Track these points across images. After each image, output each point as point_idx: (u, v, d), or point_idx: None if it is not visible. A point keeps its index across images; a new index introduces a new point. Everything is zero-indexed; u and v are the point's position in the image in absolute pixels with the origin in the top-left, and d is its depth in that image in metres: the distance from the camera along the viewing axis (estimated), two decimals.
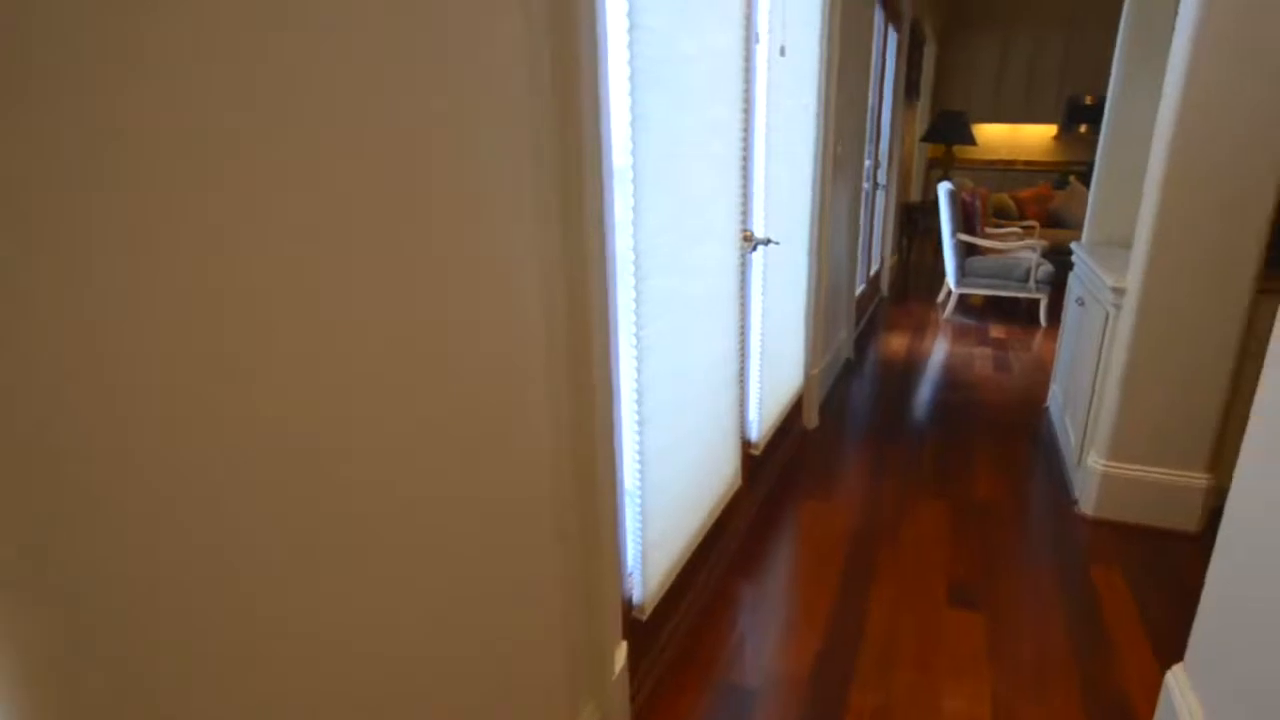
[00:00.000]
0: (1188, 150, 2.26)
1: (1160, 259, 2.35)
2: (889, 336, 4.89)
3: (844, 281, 4.18)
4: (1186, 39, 2.22)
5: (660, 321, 1.72)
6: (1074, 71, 8.87)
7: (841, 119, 3.50)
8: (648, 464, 1.73)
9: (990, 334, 4.94)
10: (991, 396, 3.79)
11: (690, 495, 2.04)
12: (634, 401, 1.65)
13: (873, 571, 2.26)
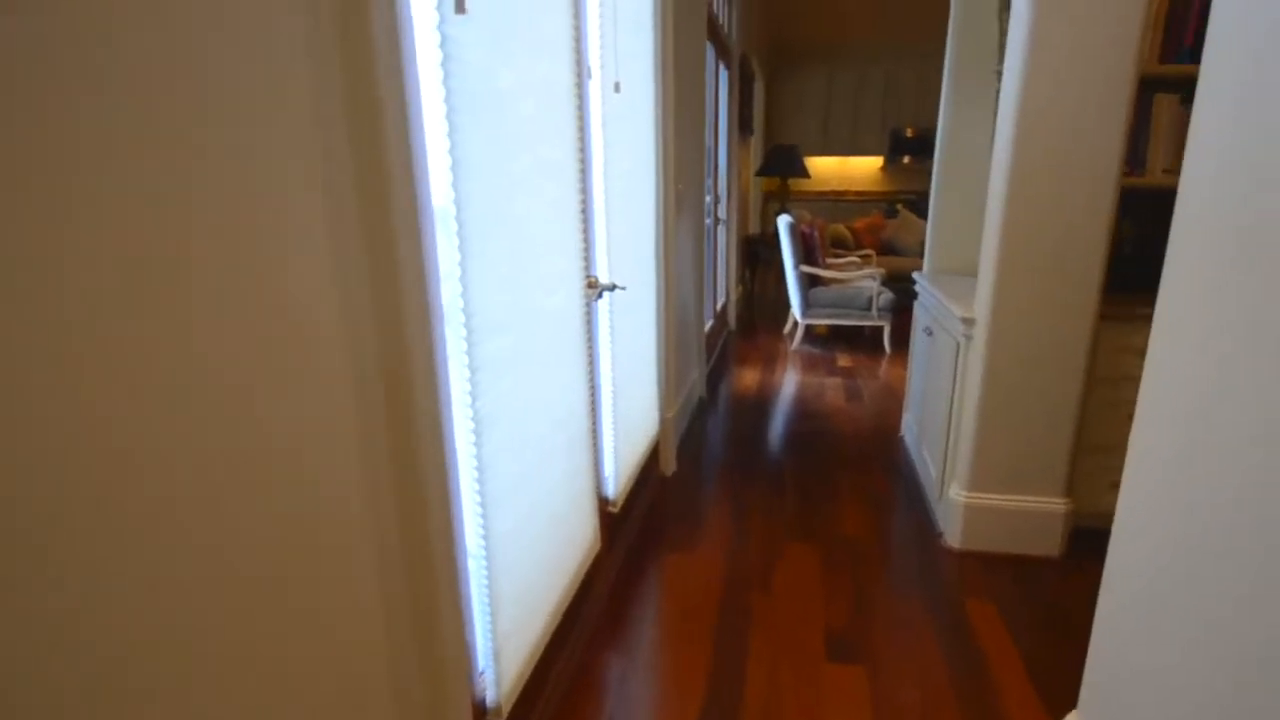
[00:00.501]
0: (1025, 181, 2.41)
1: (1006, 289, 2.48)
2: (741, 371, 4.97)
3: (693, 320, 4.19)
4: (1017, 74, 2.38)
5: (501, 385, 1.56)
6: (895, 106, 9.66)
7: (681, 155, 3.52)
8: (495, 550, 1.55)
9: (838, 363, 5.15)
10: (847, 427, 3.90)
11: (546, 570, 1.88)
12: (474, 483, 1.48)
13: (746, 627, 2.19)
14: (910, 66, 9.48)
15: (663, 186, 3.12)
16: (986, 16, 3.15)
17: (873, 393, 4.49)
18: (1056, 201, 2.39)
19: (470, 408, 1.44)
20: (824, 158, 10.05)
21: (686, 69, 3.53)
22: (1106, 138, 2.33)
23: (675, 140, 3.26)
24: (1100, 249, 2.39)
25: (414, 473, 1.18)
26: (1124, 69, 2.28)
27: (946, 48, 3.32)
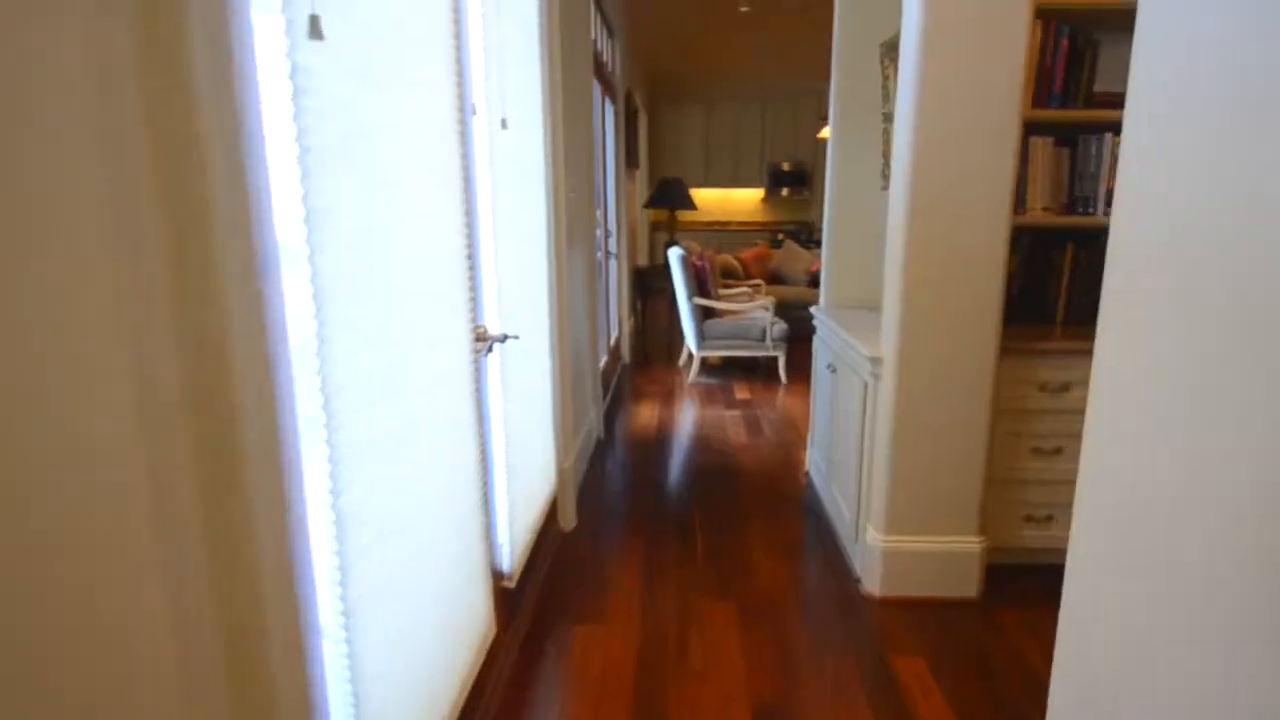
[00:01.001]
0: (923, 223, 2.33)
1: (911, 328, 2.39)
2: (638, 406, 4.78)
3: (588, 358, 3.97)
4: (909, 120, 2.31)
5: (371, 472, 1.28)
6: (772, 141, 9.87)
7: (572, 191, 3.31)
8: (361, 673, 1.26)
9: (736, 395, 5.05)
10: (751, 464, 3.77)
11: (431, 672, 1.59)
12: (336, 593, 1.19)
13: (666, 706, 1.96)
14: (785, 104, 9.72)
15: (554, 224, 2.90)
16: (869, 62, 3.13)
17: (773, 425, 4.39)
18: (954, 242, 2.33)
19: (332, 508, 1.15)
20: (708, 190, 10.14)
21: (574, 104, 3.34)
22: (997, 179, 2.29)
23: (566, 176, 3.05)
24: (998, 285, 2.35)
25: (254, 614, 0.89)
26: (1011, 114, 2.25)
27: (831, 92, 3.27)
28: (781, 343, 5.20)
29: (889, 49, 2.89)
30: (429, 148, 1.55)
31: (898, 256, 2.38)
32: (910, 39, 2.28)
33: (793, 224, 10.10)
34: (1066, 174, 2.64)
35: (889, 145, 2.99)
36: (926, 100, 2.25)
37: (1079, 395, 2.48)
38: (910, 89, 2.28)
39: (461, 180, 1.77)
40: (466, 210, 1.81)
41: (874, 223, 3.26)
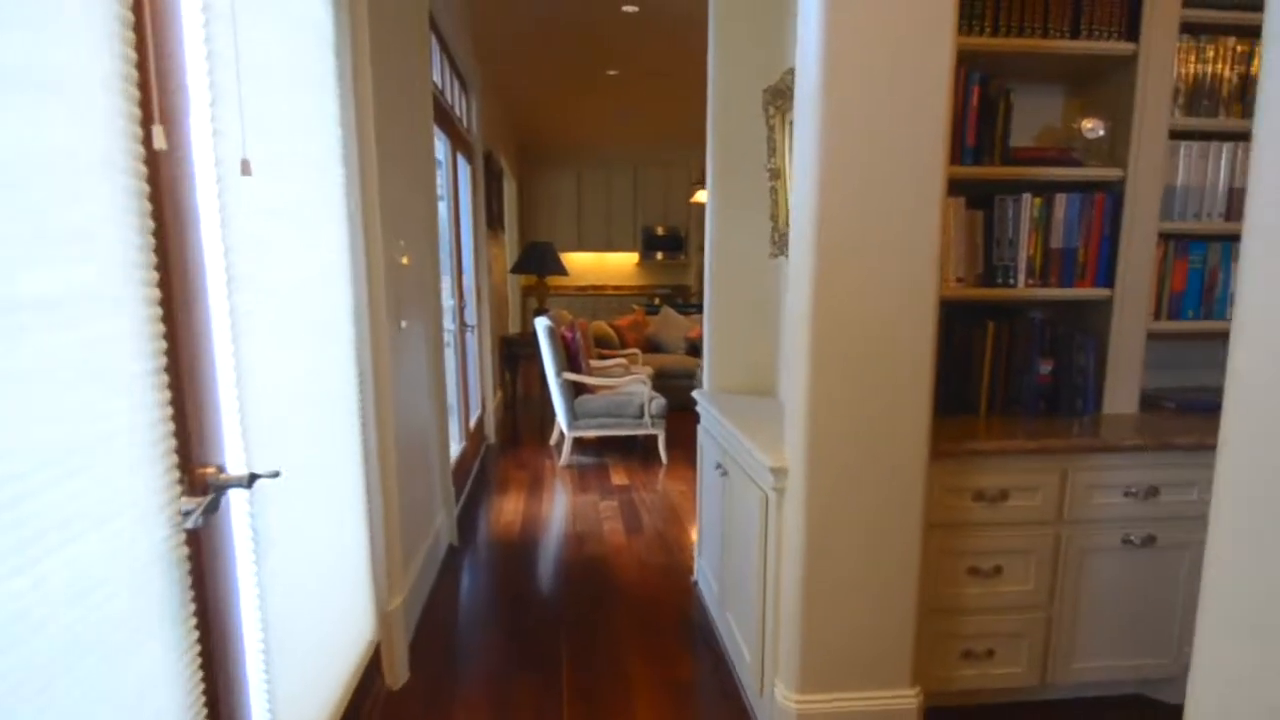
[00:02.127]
0: (835, 301, 1.78)
1: (822, 428, 1.80)
2: (502, 499, 4.00)
3: (433, 454, 3.19)
4: (811, 181, 1.76)
5: None
6: (646, 205, 9.49)
7: (401, 256, 2.57)
8: None
9: (613, 479, 4.36)
10: (630, 571, 3.07)
11: None
12: None
13: None
14: (657, 168, 9.40)
15: (365, 299, 2.16)
16: (750, 111, 2.62)
17: (655, 516, 3.72)
18: (873, 321, 1.79)
19: None
20: (581, 254, 9.59)
21: (404, 152, 2.64)
22: (921, 244, 1.78)
23: (389, 239, 2.32)
24: (926, 373, 1.82)
25: None
26: (933, 169, 1.75)
27: (708, 146, 2.74)
28: (661, 419, 4.59)
29: (774, 96, 2.38)
30: (43, 199, 0.81)
31: (802, 340, 1.80)
32: (808, 83, 1.75)
33: (668, 288, 9.69)
34: (982, 240, 2.19)
35: (779, 206, 2.46)
36: (832, 154, 1.72)
37: (1020, 504, 1.96)
38: (811, 143, 1.74)
39: (146, 250, 1.03)
40: (162, 293, 1.06)
41: (762, 294, 2.72)
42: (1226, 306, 2.22)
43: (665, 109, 7.52)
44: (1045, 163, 2.14)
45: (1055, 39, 2.07)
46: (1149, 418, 2.15)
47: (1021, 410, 2.21)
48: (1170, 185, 2.15)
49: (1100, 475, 1.96)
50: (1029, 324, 2.18)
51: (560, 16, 5.03)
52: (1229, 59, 2.12)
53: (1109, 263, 2.17)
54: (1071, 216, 2.17)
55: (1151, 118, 2.09)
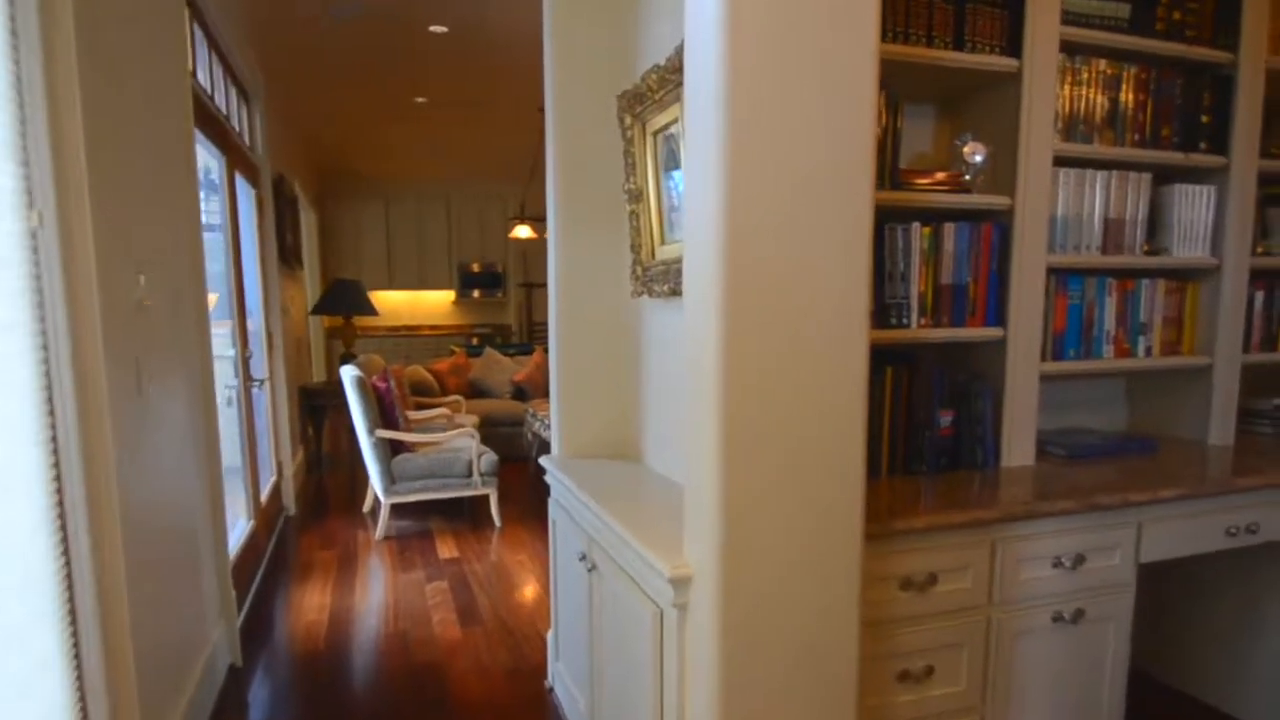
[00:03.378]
0: (747, 342, 1.25)
1: (742, 526, 1.26)
2: (303, 590, 3.07)
3: (203, 551, 2.27)
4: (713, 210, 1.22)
5: None
6: (460, 240, 8.66)
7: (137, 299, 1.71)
8: None
9: (440, 552, 3.56)
10: (470, 679, 2.34)
11: None
12: None
13: None
14: (471, 202, 8.64)
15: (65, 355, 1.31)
16: (600, 127, 2.08)
17: (495, 598, 3.00)
18: (801, 383, 1.29)
19: None
20: (393, 292, 8.55)
21: (141, 152, 1.77)
22: (851, 280, 1.31)
23: (111, 271, 1.48)
24: (859, 441, 1.34)
25: None
26: (861, 190, 1.30)
27: (548, 165, 2.15)
28: (492, 477, 3.86)
29: (633, 102, 1.85)
30: None
31: (709, 410, 1.26)
32: (703, 80, 1.23)
33: (488, 327, 8.90)
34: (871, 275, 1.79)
35: (641, 235, 1.93)
36: (737, 176, 1.21)
37: (949, 589, 1.55)
38: (711, 165, 1.22)
39: None
40: None
41: (622, 340, 2.16)
42: (1103, 345, 2.00)
43: (480, 139, 6.84)
44: (938, 188, 1.79)
45: (940, 49, 1.73)
46: (1048, 469, 1.85)
47: (924, 469, 1.82)
48: (1051, 215, 1.90)
49: (1029, 545, 1.60)
50: (928, 370, 1.81)
51: (359, 34, 4.22)
52: (1100, 83, 1.91)
53: (999, 300, 1.87)
54: (961, 249, 1.83)
55: (1037, 142, 1.81)
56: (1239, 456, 1.93)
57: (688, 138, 1.31)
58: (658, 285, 1.84)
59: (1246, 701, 1.99)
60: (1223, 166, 2.01)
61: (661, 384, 1.96)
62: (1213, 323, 2.05)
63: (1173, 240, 2.02)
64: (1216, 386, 2.06)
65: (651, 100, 1.75)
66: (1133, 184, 1.97)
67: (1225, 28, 1.97)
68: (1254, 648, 1.97)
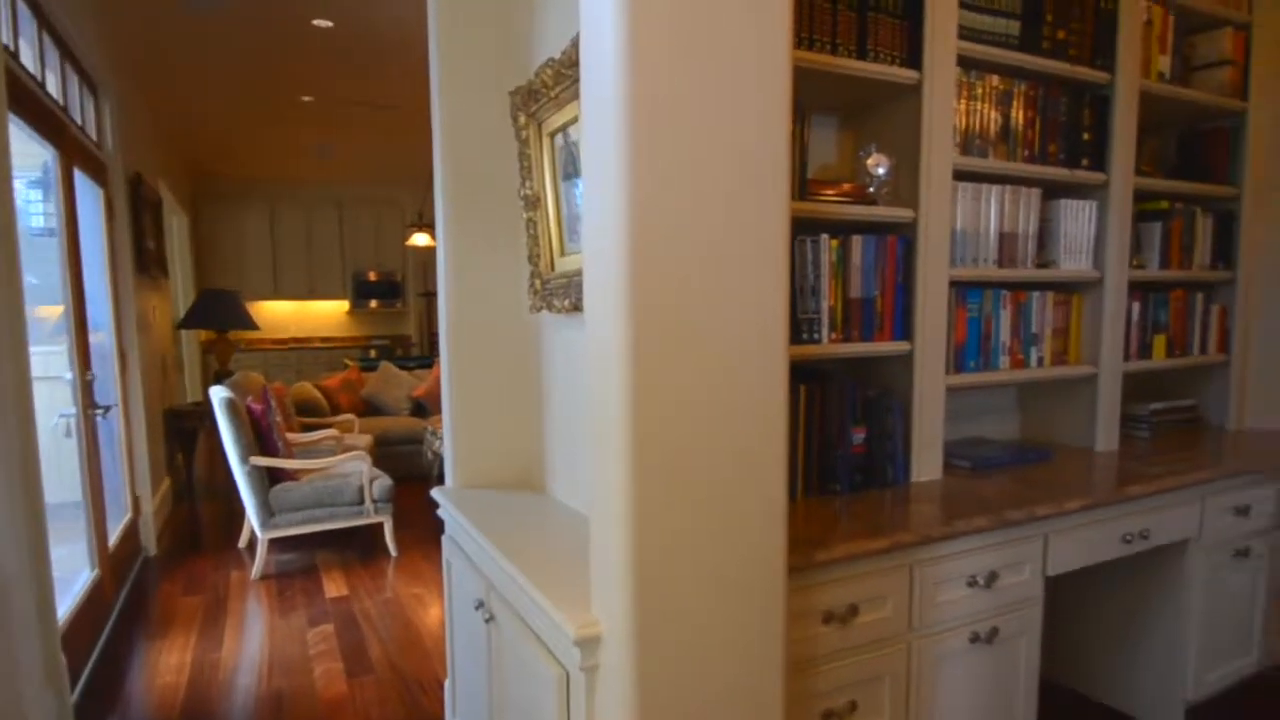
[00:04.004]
0: (660, 364, 1.08)
1: (659, 578, 1.09)
2: (162, 647, 2.65)
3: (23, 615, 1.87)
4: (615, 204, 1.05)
5: None
6: (354, 248, 8.10)
7: None
8: None
9: (327, 590, 3.19)
10: None
11: None
12: None
13: None
14: (367, 206, 8.10)
15: None
16: (492, 129, 1.86)
17: (388, 641, 2.70)
18: (721, 413, 1.14)
19: None
20: (280, 302, 7.89)
21: None
22: (767, 295, 1.18)
23: None
24: (780, 464, 1.20)
25: None
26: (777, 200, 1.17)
27: (436, 177, 1.92)
28: (387, 503, 3.52)
29: (527, 99, 1.65)
30: None
31: (618, 448, 1.08)
32: (604, 82, 1.06)
33: (386, 339, 8.37)
34: None
35: (540, 245, 1.73)
36: (642, 181, 1.04)
37: (870, 619, 1.44)
38: (612, 168, 1.05)
39: None
40: None
41: (521, 359, 1.95)
42: (1000, 356, 1.98)
43: (374, 142, 6.40)
44: (845, 200, 1.70)
45: (845, 57, 1.64)
46: (956, 483, 1.79)
47: (838, 489, 1.72)
48: (952, 229, 1.85)
49: (946, 567, 1.52)
50: (840, 386, 1.72)
51: (230, 26, 3.78)
52: (993, 99, 1.89)
53: (905, 313, 1.80)
54: (868, 262, 1.75)
55: (938, 155, 1.76)
56: (1124, 462, 1.95)
57: (585, 138, 1.13)
58: (558, 300, 1.65)
59: (1137, 697, 2.01)
60: (1102, 183, 2.04)
61: (566, 407, 1.77)
62: (1096, 333, 2.08)
63: (1060, 253, 2.04)
64: (1101, 395, 2.09)
65: (547, 97, 1.56)
66: (1024, 199, 1.96)
67: (1103, 49, 2.00)
68: (1141, 646, 2.00)
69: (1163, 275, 2.20)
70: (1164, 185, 2.19)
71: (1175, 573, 1.90)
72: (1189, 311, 2.30)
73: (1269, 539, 2.05)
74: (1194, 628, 1.91)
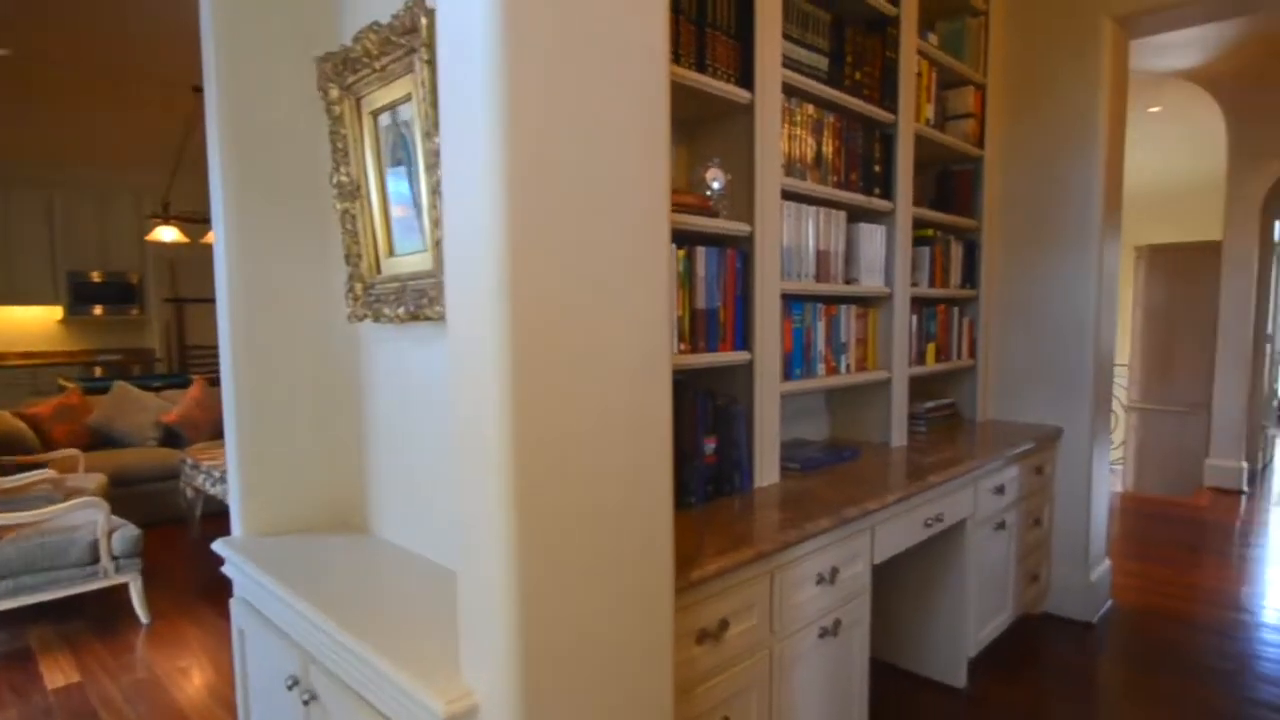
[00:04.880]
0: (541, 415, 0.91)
1: (545, 631, 0.92)
2: None
3: None
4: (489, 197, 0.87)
5: None
6: (70, 244, 6.51)
7: None
8: None
9: (48, 680, 2.43)
10: None
11: None
12: None
13: None
14: (85, 194, 6.59)
15: None
16: (291, 102, 1.52)
17: None
18: (606, 438, 1.00)
19: None
20: None
21: None
22: (653, 310, 1.07)
23: None
24: (667, 489, 1.10)
25: None
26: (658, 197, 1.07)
27: (211, 159, 1.52)
28: (133, 559, 2.80)
29: (342, 69, 1.37)
30: None
31: (496, 486, 0.90)
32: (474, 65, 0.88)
33: (118, 353, 6.86)
34: None
35: (361, 242, 1.45)
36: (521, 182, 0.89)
37: (740, 631, 1.40)
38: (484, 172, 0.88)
39: None
40: None
41: (336, 377, 1.63)
42: (818, 364, 2.09)
43: (101, 117, 5.21)
44: (690, 211, 1.66)
45: (687, 68, 1.61)
46: (792, 485, 1.84)
47: (694, 501, 1.67)
48: (780, 244, 1.91)
49: (799, 569, 1.53)
50: (695, 397, 1.67)
51: None
52: (809, 126, 1.99)
53: (745, 323, 1.81)
54: (711, 273, 1.73)
55: (769, 173, 1.80)
56: (915, 455, 2.16)
57: (446, 128, 0.94)
58: (389, 307, 1.38)
59: (932, 660, 2.24)
60: (890, 210, 2.25)
61: (399, 433, 1.50)
62: (889, 342, 2.29)
63: (861, 271, 2.21)
64: (894, 397, 2.30)
65: (370, 69, 1.30)
66: (835, 220, 2.09)
67: (889, 93, 2.21)
68: (933, 616, 2.22)
69: (931, 292, 2.50)
70: (931, 215, 2.48)
71: (957, 548, 2.14)
72: (950, 324, 2.64)
73: (1016, 511, 2.41)
74: (971, 594, 2.17)
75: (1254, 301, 4.54)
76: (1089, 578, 2.67)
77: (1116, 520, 3.99)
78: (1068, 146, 2.63)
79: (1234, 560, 3.37)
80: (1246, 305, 4.53)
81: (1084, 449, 2.65)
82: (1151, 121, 5.33)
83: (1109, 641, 2.53)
